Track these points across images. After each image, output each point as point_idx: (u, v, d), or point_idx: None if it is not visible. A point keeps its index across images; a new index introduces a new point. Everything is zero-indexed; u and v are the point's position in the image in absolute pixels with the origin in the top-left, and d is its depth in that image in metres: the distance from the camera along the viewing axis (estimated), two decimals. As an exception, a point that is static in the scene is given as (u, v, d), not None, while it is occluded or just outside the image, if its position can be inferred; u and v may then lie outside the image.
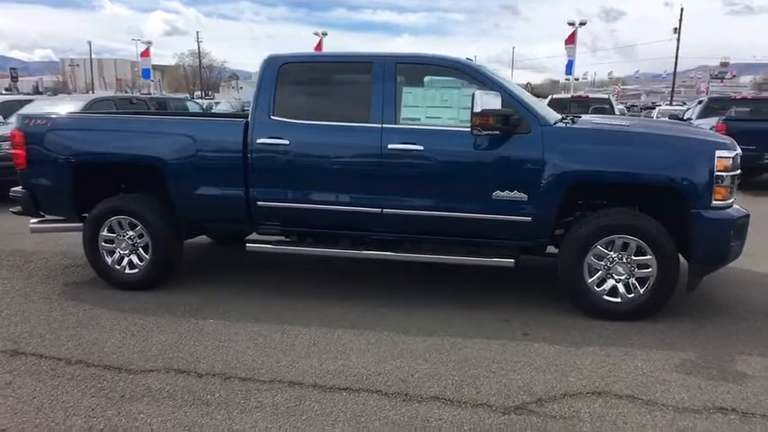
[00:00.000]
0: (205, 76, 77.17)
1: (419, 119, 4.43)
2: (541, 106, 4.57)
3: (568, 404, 3.14)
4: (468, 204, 4.32)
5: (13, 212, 5.29)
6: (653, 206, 4.37)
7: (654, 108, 30.56)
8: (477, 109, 4.01)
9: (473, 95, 4.02)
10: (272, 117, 4.58)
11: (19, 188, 5.15)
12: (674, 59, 46.32)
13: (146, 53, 44.64)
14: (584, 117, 5.12)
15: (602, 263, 4.24)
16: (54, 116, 5.06)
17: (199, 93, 65.53)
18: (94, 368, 3.57)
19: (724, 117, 10.16)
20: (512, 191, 4.23)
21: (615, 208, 4.32)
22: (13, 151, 5.03)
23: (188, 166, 4.65)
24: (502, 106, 4.10)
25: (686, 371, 3.53)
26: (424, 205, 4.40)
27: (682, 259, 4.25)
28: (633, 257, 4.18)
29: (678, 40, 44.51)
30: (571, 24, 32.73)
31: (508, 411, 3.07)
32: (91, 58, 65.47)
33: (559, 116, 4.73)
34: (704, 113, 11.91)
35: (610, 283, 4.26)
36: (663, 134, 4.39)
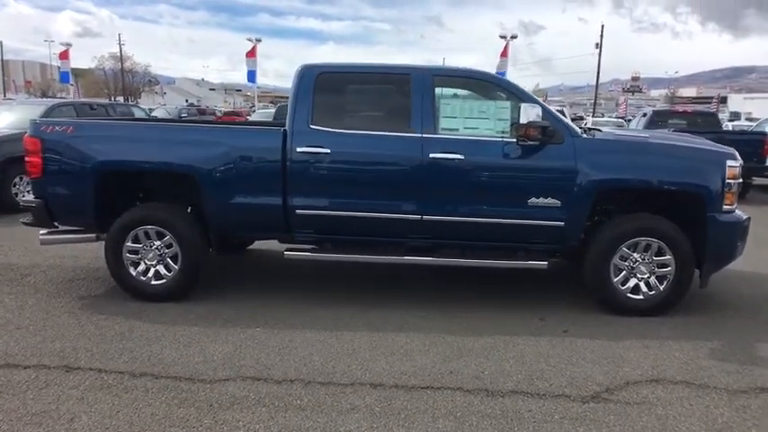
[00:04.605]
0: (128, 81, 73.77)
1: (457, 129, 4.64)
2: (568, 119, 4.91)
3: (635, 391, 3.44)
4: (505, 210, 4.57)
5: (24, 223, 5.02)
6: (665, 211, 4.77)
7: (583, 119, 32.33)
8: (524, 120, 4.28)
9: (520, 108, 4.30)
10: (311, 126, 4.64)
11: (31, 197, 4.91)
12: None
13: (64, 55, 42.21)
14: (605, 129, 5.51)
15: (626, 263, 4.62)
16: (77, 122, 4.87)
17: (121, 98, 62.55)
18: (164, 380, 3.51)
19: (672, 129, 11.07)
20: (546, 198, 4.52)
21: (637, 213, 4.70)
22: (26, 159, 4.79)
23: (225, 175, 4.62)
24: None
25: (719, 358, 3.94)
26: (462, 212, 4.61)
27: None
28: (654, 257, 4.58)
29: (600, 54, 47.45)
30: (503, 38, 34.27)
31: (586, 400, 3.32)
32: (2, 60, 61.04)
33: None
34: (649, 125, 12.91)
35: (633, 281, 4.64)
36: (682, 145, 4.85)
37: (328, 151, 4.58)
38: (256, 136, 4.84)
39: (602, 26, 47.44)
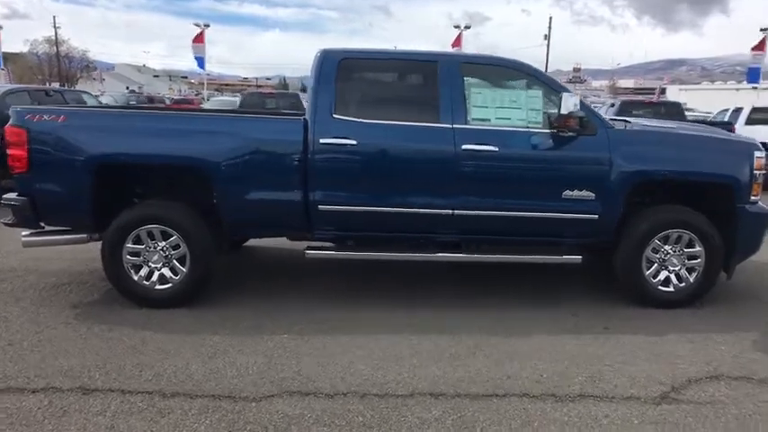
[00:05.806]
0: (64, 66, 69.69)
1: (489, 119, 4.41)
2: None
3: (701, 389, 3.34)
4: (539, 204, 4.40)
5: (5, 224, 4.46)
6: (692, 203, 4.70)
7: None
8: (564, 111, 4.10)
9: (561, 98, 4.12)
10: (334, 115, 4.31)
11: (13, 195, 4.35)
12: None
13: (-5, 38, 39.44)
14: (634, 120, 5.40)
15: (658, 255, 4.54)
16: (69, 110, 4.34)
17: (57, 84, 59.04)
18: (201, 399, 3.14)
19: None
20: (581, 190, 4.38)
21: (668, 205, 4.62)
22: (9, 152, 4.24)
23: (240, 169, 4.23)
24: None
25: (764, 350, 3.90)
26: (496, 205, 4.39)
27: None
28: (685, 249, 4.52)
29: (548, 46, 48.40)
30: (457, 27, 34.34)
31: (658, 402, 3.19)
32: None
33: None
34: (619, 115, 13.11)
35: (663, 273, 4.57)
36: (712, 136, 4.80)
37: (354, 142, 4.26)
38: (275, 126, 4.46)
39: (551, 18, 48.42)
